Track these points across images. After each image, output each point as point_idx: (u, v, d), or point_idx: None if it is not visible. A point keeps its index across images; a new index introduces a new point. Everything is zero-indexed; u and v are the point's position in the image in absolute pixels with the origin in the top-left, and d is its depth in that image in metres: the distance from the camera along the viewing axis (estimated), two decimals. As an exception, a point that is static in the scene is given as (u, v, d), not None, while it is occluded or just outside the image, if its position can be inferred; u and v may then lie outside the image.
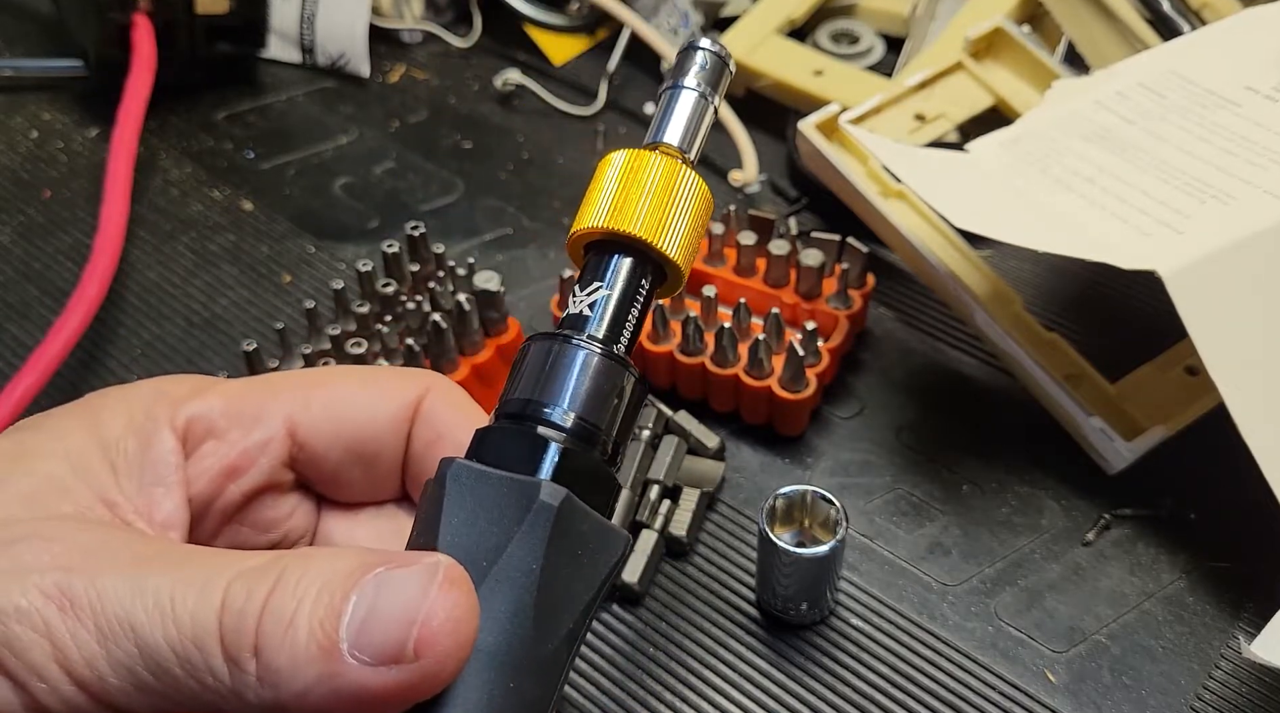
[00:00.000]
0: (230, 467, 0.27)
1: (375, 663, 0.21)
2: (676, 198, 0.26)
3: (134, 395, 0.27)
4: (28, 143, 0.62)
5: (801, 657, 0.38)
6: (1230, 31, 0.47)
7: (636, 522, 0.40)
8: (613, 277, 0.26)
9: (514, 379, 0.26)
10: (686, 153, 0.27)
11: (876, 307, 0.50)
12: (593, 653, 0.38)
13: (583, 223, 0.26)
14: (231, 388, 0.28)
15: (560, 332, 0.26)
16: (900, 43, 0.63)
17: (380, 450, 0.28)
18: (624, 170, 0.26)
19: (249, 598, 0.21)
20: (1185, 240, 0.38)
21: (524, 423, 0.24)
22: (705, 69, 0.27)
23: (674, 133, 0.27)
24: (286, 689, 0.21)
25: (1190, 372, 0.44)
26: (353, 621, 0.21)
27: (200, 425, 0.27)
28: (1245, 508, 0.40)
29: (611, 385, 0.25)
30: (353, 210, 0.58)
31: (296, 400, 0.28)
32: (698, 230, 0.27)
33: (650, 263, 0.26)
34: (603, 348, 0.25)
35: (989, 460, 0.44)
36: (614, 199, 0.26)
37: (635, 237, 0.26)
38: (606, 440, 0.25)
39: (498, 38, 0.70)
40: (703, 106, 0.27)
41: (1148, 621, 0.38)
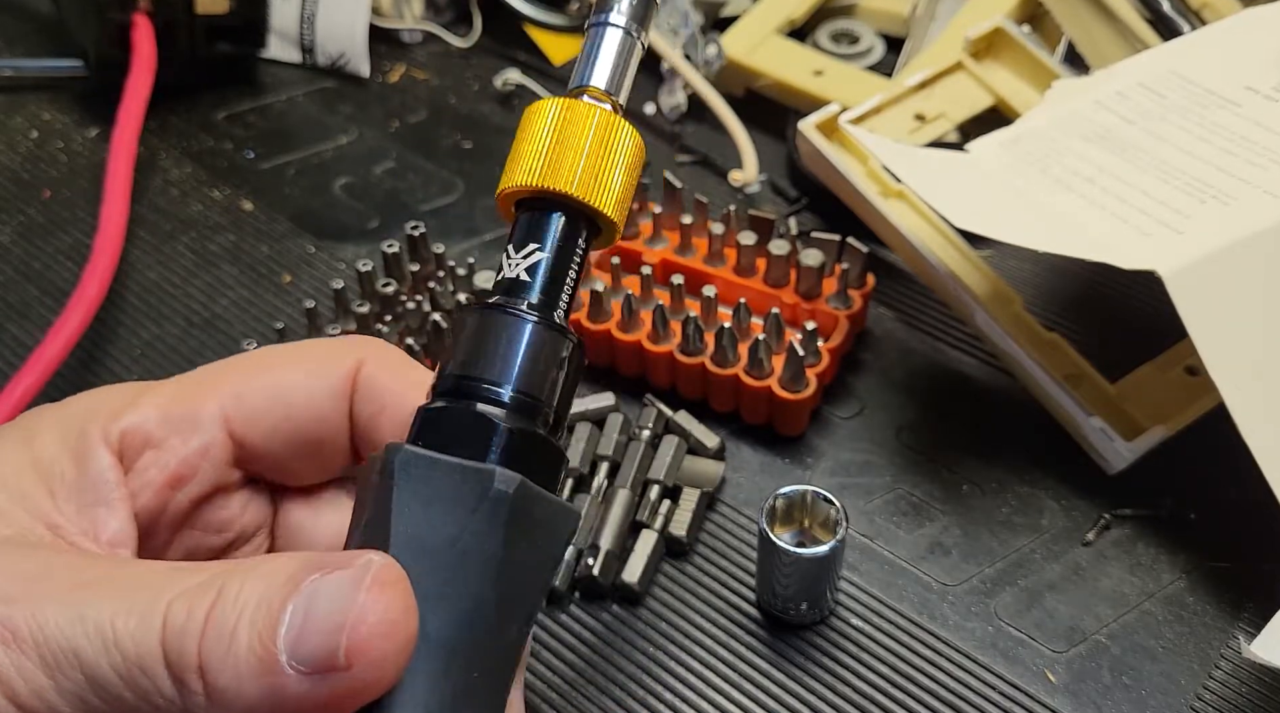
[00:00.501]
0: (173, 477, 0.27)
1: (311, 673, 0.20)
2: (611, 151, 0.25)
3: (66, 414, 0.27)
4: (28, 143, 0.62)
5: (801, 657, 0.38)
6: (1230, 31, 0.47)
7: (636, 522, 0.40)
8: (548, 237, 0.25)
9: (452, 352, 0.25)
10: (615, 96, 0.26)
11: (876, 307, 0.50)
12: (593, 653, 0.38)
13: (513, 179, 0.25)
14: (165, 393, 0.27)
15: (496, 301, 0.25)
16: (900, 43, 0.63)
17: (324, 432, 0.28)
18: (556, 122, 0.25)
19: (190, 617, 0.21)
20: (1185, 240, 0.38)
21: (466, 400, 0.24)
22: (631, 4, 0.26)
23: (601, 75, 0.26)
24: (234, 706, 0.20)
25: (1190, 372, 0.44)
26: (290, 629, 0.20)
27: (136, 437, 0.26)
28: (1245, 508, 0.40)
29: (551, 355, 0.24)
30: (353, 210, 0.58)
31: (230, 397, 0.27)
32: (631, 181, 0.26)
33: (584, 219, 0.25)
34: (540, 316, 0.24)
35: (989, 460, 0.44)
36: (546, 154, 0.25)
37: (571, 196, 0.25)
38: (549, 412, 0.24)
39: (498, 37, 0.70)
40: (629, 44, 0.26)
41: (1148, 621, 0.38)
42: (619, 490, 0.40)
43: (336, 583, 0.21)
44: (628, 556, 0.39)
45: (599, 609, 0.39)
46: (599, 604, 0.39)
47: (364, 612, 0.21)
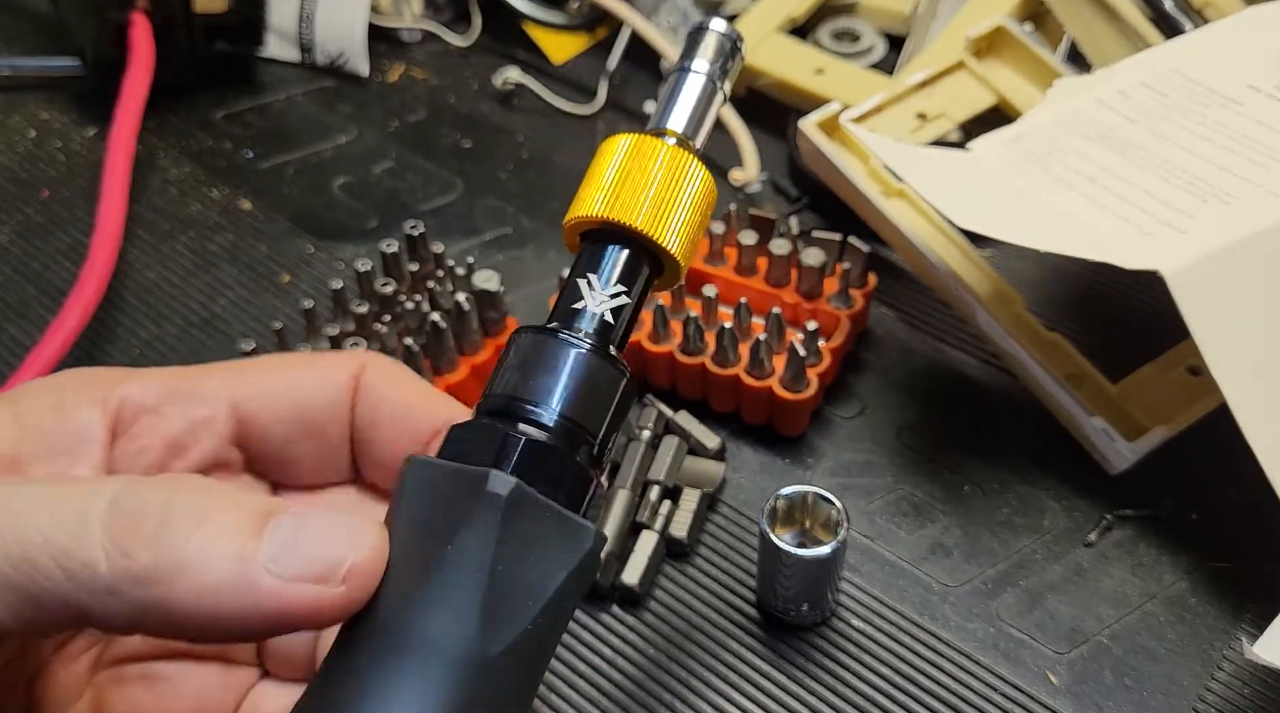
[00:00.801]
0: (172, 442, 0.27)
1: (291, 579, 0.21)
2: (680, 189, 0.25)
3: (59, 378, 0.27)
4: (26, 142, 0.62)
5: (802, 658, 0.37)
6: (1232, 30, 0.47)
7: (637, 523, 0.40)
8: (609, 270, 0.25)
9: (499, 373, 0.24)
10: (691, 140, 0.26)
11: (878, 306, 0.50)
12: (593, 654, 0.38)
13: (581, 210, 0.25)
14: (167, 371, 0.27)
15: (552, 326, 0.25)
16: (901, 41, 0.63)
17: (326, 425, 0.28)
18: (627, 157, 0.25)
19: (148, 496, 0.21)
20: (1187, 240, 0.38)
21: (504, 420, 0.23)
22: (715, 52, 0.26)
23: (679, 119, 0.26)
24: (183, 586, 0.20)
25: (1192, 372, 0.43)
26: (272, 540, 0.21)
27: (133, 405, 0.26)
28: (1248, 508, 0.39)
29: (601, 385, 0.24)
30: (352, 210, 0.58)
31: (236, 378, 0.28)
32: (700, 223, 0.26)
33: (648, 256, 0.25)
34: (594, 345, 0.24)
35: (990, 461, 0.44)
36: (615, 187, 0.25)
37: (636, 229, 0.25)
38: (593, 441, 0.24)
39: (497, 36, 0.69)
40: (710, 91, 0.26)
41: (1150, 622, 0.38)
42: (619, 491, 0.40)
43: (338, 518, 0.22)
44: (628, 556, 0.39)
45: (599, 610, 0.39)
46: (599, 605, 0.39)
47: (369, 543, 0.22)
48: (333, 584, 0.21)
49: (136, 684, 0.28)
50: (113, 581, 0.20)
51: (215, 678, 0.29)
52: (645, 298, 0.26)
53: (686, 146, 0.26)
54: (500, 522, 0.22)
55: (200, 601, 0.20)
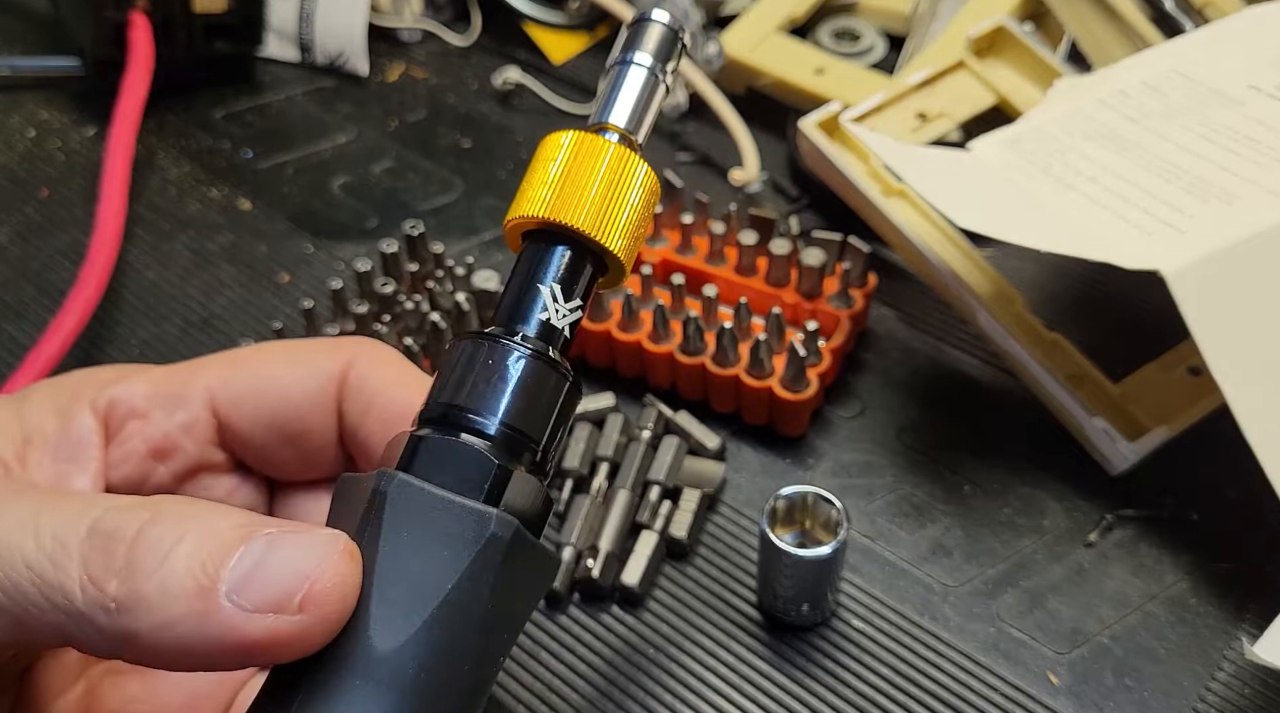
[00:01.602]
0: (156, 448, 0.27)
1: (253, 610, 0.20)
2: (623, 189, 0.25)
3: (62, 382, 0.27)
4: (25, 142, 0.62)
5: (803, 658, 0.37)
6: (1233, 30, 0.47)
7: (637, 523, 0.40)
8: (550, 270, 0.24)
9: (442, 380, 0.24)
10: (634, 134, 0.25)
11: (878, 306, 0.50)
12: (593, 655, 0.38)
13: (522, 210, 0.25)
14: (156, 372, 0.28)
15: (492, 331, 0.24)
16: (902, 41, 0.63)
17: (305, 427, 0.28)
18: (569, 155, 0.25)
19: (123, 523, 0.21)
20: (1188, 240, 0.38)
21: (452, 429, 0.23)
22: (657, 44, 0.26)
23: (621, 113, 0.25)
24: (146, 619, 0.20)
25: (1193, 372, 0.43)
26: (238, 568, 0.20)
27: (122, 407, 0.27)
28: (1248, 509, 0.39)
29: (543, 391, 0.24)
30: (351, 210, 0.57)
31: (217, 379, 0.27)
32: (643, 222, 0.25)
33: (591, 256, 0.25)
34: (535, 349, 0.24)
35: (991, 461, 0.43)
36: (557, 187, 0.24)
37: (578, 230, 0.24)
38: (536, 448, 0.24)
39: (497, 36, 0.69)
40: (653, 84, 0.26)
41: (1151, 622, 0.38)
42: (619, 491, 0.40)
43: (306, 539, 0.21)
44: (628, 557, 0.39)
45: (599, 611, 0.39)
46: (599, 606, 0.39)
47: (332, 568, 0.21)
48: (288, 613, 0.20)
49: (130, 676, 0.28)
50: (87, 610, 0.20)
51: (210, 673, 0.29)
52: (589, 297, 0.25)
53: (629, 142, 0.25)
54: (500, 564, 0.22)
55: (161, 634, 0.20)
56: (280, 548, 0.21)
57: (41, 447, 0.25)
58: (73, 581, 0.20)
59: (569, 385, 0.24)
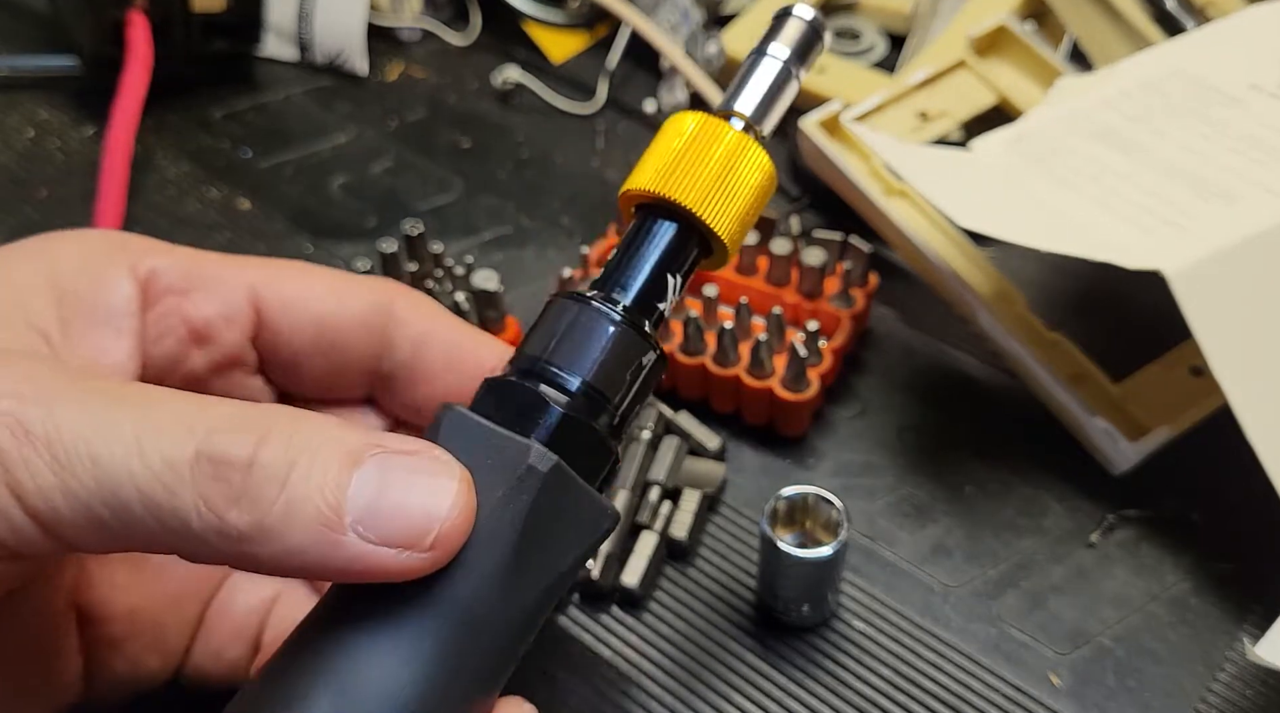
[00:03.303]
0: (196, 331, 0.26)
1: (383, 544, 0.20)
2: (737, 171, 0.25)
3: (92, 237, 0.26)
4: (24, 141, 0.62)
5: (803, 659, 0.37)
6: (1234, 29, 0.47)
7: (637, 523, 0.40)
8: (655, 244, 0.25)
9: (532, 334, 0.25)
10: (758, 124, 0.26)
11: (879, 306, 0.50)
12: (593, 654, 0.38)
13: (636, 182, 0.25)
14: (195, 253, 0.26)
15: (590, 294, 0.25)
16: (903, 40, 0.63)
17: (344, 341, 0.27)
18: (691, 134, 0.25)
19: (233, 447, 0.20)
20: (1190, 239, 0.38)
21: (530, 379, 0.24)
22: (795, 38, 0.27)
23: (748, 102, 0.26)
24: (269, 547, 0.20)
25: (1195, 372, 0.43)
26: (358, 496, 0.20)
27: (162, 280, 0.25)
28: (1250, 509, 0.39)
29: (629, 358, 0.24)
30: (350, 209, 0.57)
31: (263, 276, 0.27)
32: (753, 208, 0.26)
33: (697, 234, 0.25)
34: (627, 317, 0.24)
35: (992, 462, 0.43)
36: (672, 162, 0.25)
37: (687, 208, 0.25)
38: (614, 412, 0.24)
39: (496, 35, 0.69)
40: (784, 77, 0.26)
41: (1152, 623, 0.38)
42: (619, 492, 0.40)
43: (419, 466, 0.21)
44: (628, 558, 0.39)
45: (599, 612, 0.39)
46: (599, 607, 0.39)
47: (461, 505, 0.21)
48: (419, 550, 0.20)
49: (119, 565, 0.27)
50: (203, 535, 0.20)
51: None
52: (690, 275, 0.26)
53: (752, 131, 0.26)
54: (536, 497, 0.22)
55: (287, 560, 0.20)
56: (401, 475, 0.21)
57: (77, 309, 0.24)
58: (188, 506, 0.20)
59: (656, 358, 0.25)
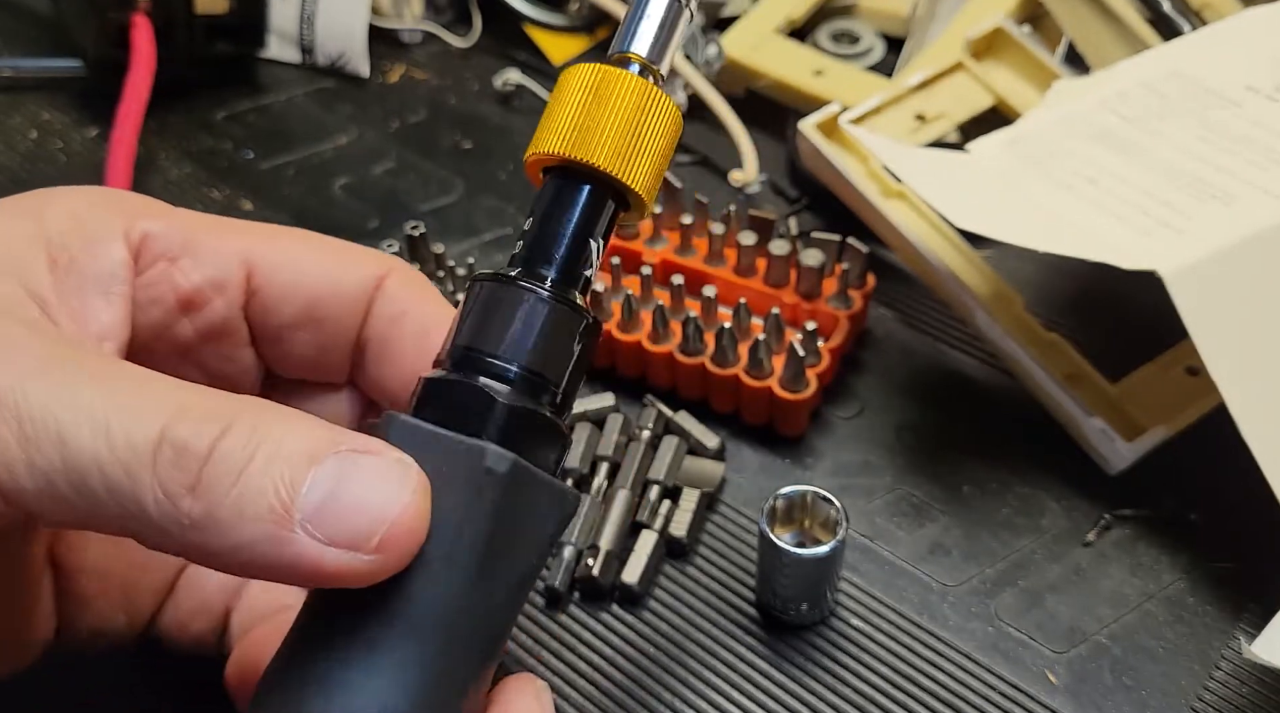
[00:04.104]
0: (185, 298, 0.25)
1: (329, 544, 0.20)
2: (643, 120, 0.24)
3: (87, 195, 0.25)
4: (27, 142, 0.62)
5: (802, 657, 0.38)
6: (1231, 31, 0.47)
7: (636, 522, 0.40)
8: (569, 209, 0.24)
9: (462, 322, 0.24)
10: (656, 63, 0.25)
11: (877, 307, 0.50)
12: (593, 654, 0.38)
13: (541, 146, 0.24)
14: (189, 216, 0.26)
15: (509, 272, 0.24)
16: (900, 43, 0.63)
17: (335, 317, 0.27)
18: (590, 88, 0.24)
19: (195, 435, 0.20)
20: (1186, 240, 0.38)
21: (468, 373, 0.23)
22: None
23: (643, 42, 0.25)
24: (220, 539, 0.20)
25: (1191, 372, 0.44)
26: (311, 494, 0.20)
27: (154, 245, 0.25)
28: (1246, 508, 0.40)
29: (562, 333, 0.24)
30: (352, 210, 0.58)
31: (257, 243, 0.26)
32: (665, 155, 0.25)
33: (612, 192, 0.24)
34: (554, 291, 0.23)
35: (990, 461, 0.44)
36: (576, 121, 0.24)
37: (600, 168, 0.24)
38: (555, 390, 0.24)
39: (497, 37, 0.70)
40: (675, 10, 0.25)
41: (1149, 621, 0.38)
42: (619, 491, 0.40)
43: (380, 469, 0.21)
44: (628, 556, 0.39)
45: (599, 610, 0.39)
46: (599, 605, 0.39)
47: (410, 508, 0.21)
48: (364, 552, 0.20)
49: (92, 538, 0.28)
50: (159, 522, 0.20)
51: None
52: (609, 235, 0.25)
53: (650, 73, 0.25)
54: (497, 497, 0.22)
55: (235, 553, 0.20)
56: (356, 475, 0.20)
57: (68, 272, 0.24)
58: (146, 491, 0.20)
59: (590, 326, 0.24)
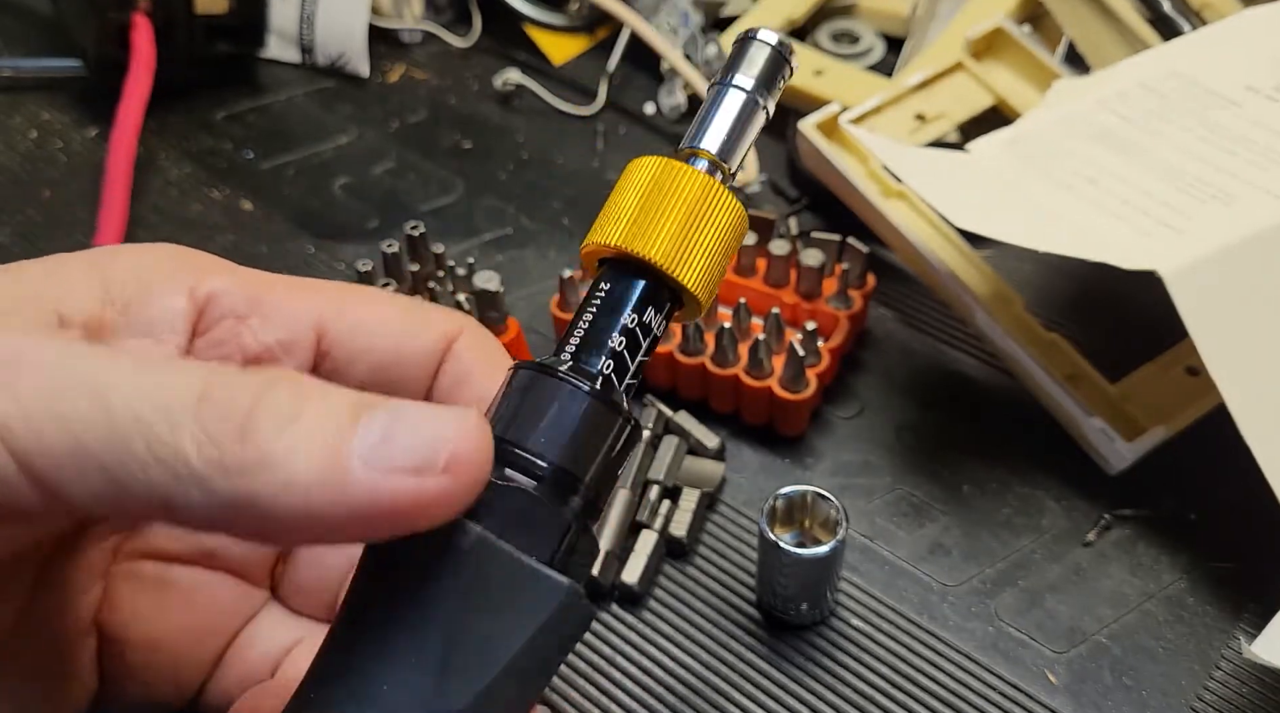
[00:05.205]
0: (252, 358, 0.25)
1: (390, 471, 0.19)
2: (704, 218, 0.23)
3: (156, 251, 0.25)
4: (27, 143, 0.62)
5: (802, 657, 0.38)
6: (1231, 31, 0.47)
7: (637, 522, 0.40)
8: (623, 303, 0.23)
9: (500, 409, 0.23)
10: (725, 162, 0.24)
11: (877, 307, 0.50)
12: (593, 654, 0.38)
13: (597, 236, 0.23)
14: (260, 276, 0.26)
15: (554, 364, 0.23)
16: (900, 43, 0.63)
17: (404, 380, 0.26)
18: (652, 180, 0.23)
19: (237, 391, 0.19)
20: (1186, 240, 0.38)
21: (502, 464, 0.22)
22: (762, 67, 0.24)
23: (714, 139, 0.24)
24: (269, 480, 0.19)
25: (1191, 372, 0.44)
26: (366, 435, 0.19)
27: (221, 303, 0.25)
28: (1246, 508, 0.40)
29: (599, 432, 0.22)
30: (352, 210, 0.58)
31: (329, 305, 0.26)
32: (724, 255, 0.24)
33: (667, 289, 0.24)
34: (597, 390, 0.22)
35: (989, 461, 0.44)
36: (634, 214, 0.23)
37: (653, 263, 0.23)
38: (588, 492, 0.22)
39: (497, 37, 0.70)
40: (752, 109, 0.24)
41: (1148, 621, 0.38)
42: (619, 491, 0.40)
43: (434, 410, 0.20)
44: (628, 556, 0.39)
45: (599, 610, 0.39)
46: (599, 605, 0.39)
47: (471, 433, 0.20)
48: (432, 474, 0.19)
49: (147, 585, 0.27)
50: (203, 471, 0.19)
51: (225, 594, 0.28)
52: (661, 332, 0.24)
53: (719, 170, 0.24)
54: (462, 575, 0.21)
55: (289, 496, 0.19)
56: (409, 417, 0.20)
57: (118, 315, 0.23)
58: (188, 438, 0.19)
59: (629, 430, 0.23)
